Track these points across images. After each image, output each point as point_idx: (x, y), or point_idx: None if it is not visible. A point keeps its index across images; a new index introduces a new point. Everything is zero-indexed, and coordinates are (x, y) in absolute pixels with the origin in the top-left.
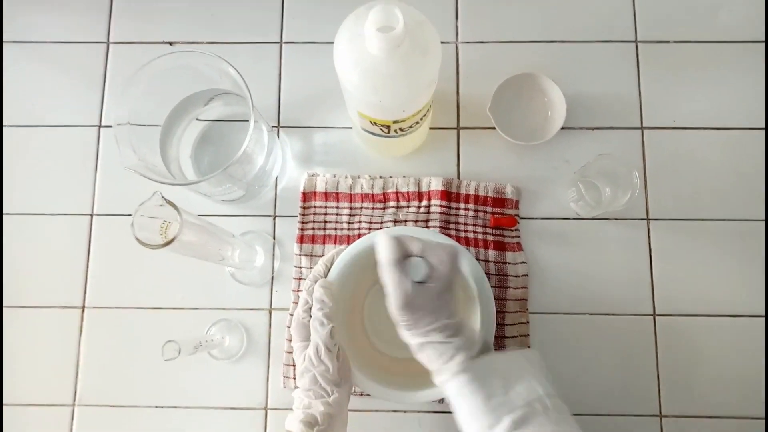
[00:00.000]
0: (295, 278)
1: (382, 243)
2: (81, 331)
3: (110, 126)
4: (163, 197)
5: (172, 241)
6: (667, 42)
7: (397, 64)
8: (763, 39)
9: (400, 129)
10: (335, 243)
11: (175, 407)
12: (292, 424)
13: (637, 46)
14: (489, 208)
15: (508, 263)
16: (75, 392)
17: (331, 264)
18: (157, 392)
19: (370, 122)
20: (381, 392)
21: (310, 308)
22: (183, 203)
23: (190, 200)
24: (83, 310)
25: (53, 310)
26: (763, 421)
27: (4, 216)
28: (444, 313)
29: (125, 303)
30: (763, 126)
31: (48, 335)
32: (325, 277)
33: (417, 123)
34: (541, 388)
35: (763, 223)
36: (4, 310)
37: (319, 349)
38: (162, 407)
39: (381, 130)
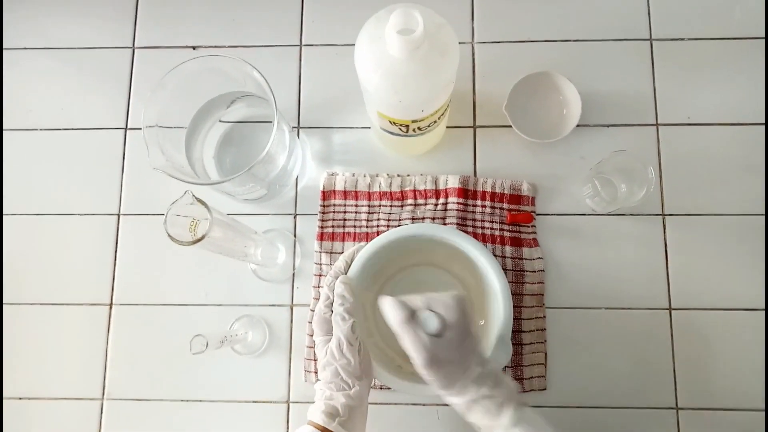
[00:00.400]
0: (315, 275)
1: (387, 305)
2: (109, 327)
3: (136, 128)
4: (193, 196)
5: (202, 238)
6: (682, 39)
7: (417, 66)
8: None
9: (419, 128)
10: (354, 240)
11: (200, 401)
12: (314, 415)
13: (651, 44)
14: (505, 205)
15: (525, 259)
16: (104, 386)
17: (352, 260)
18: (182, 386)
19: (390, 122)
20: (400, 385)
21: (331, 303)
22: (208, 202)
23: (214, 199)
24: (111, 307)
25: (82, 307)
26: None
27: (36, 216)
28: (473, 361)
29: (151, 300)
30: None
31: (77, 331)
32: (346, 273)
33: (435, 122)
34: None
35: None
36: (36, 307)
37: (341, 343)
38: (187, 401)
39: (400, 129)
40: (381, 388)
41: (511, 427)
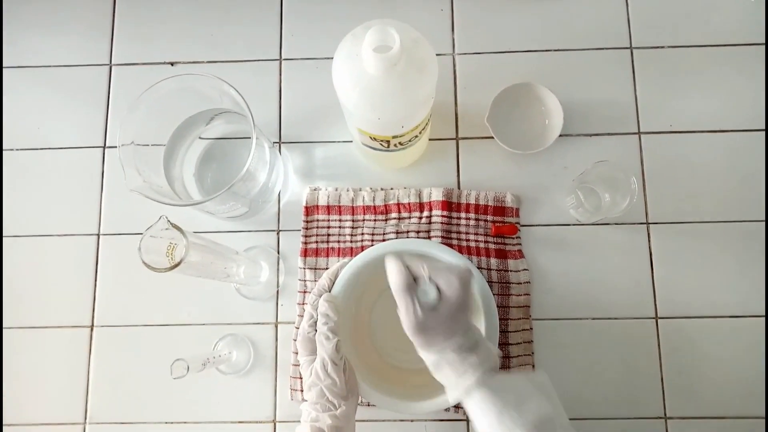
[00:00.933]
0: (300, 291)
1: (391, 268)
2: (90, 349)
3: (115, 147)
4: (168, 221)
5: (179, 264)
6: (662, 47)
7: (395, 82)
8: (759, 41)
9: (400, 143)
10: (339, 255)
11: (185, 422)
12: None
13: (632, 52)
14: (490, 217)
15: (510, 271)
16: (86, 410)
17: (336, 277)
18: (166, 408)
19: (370, 138)
20: (387, 403)
21: (315, 322)
22: (188, 221)
23: (195, 218)
24: (92, 329)
25: (63, 329)
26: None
27: (12, 238)
28: (458, 332)
29: (133, 321)
30: (761, 127)
31: (58, 355)
32: (330, 291)
33: (416, 136)
34: (552, 409)
35: (763, 223)
36: (15, 331)
37: (325, 363)
38: (172, 423)
39: (381, 144)
40: (368, 405)
41: (472, 389)
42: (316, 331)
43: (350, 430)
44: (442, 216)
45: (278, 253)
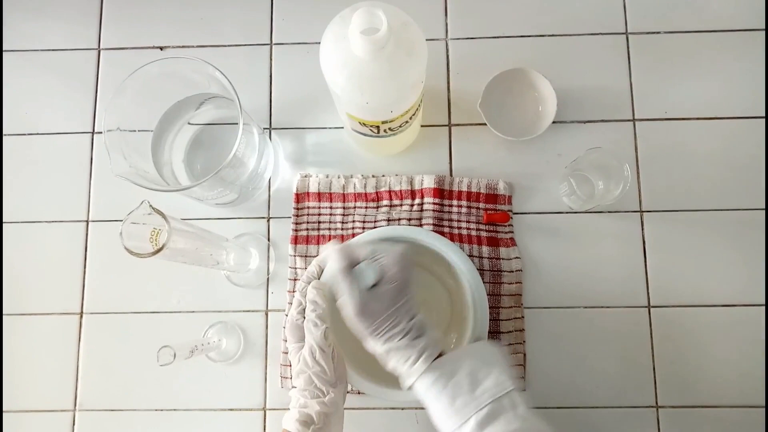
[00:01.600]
0: (290, 279)
1: (329, 255)
2: (80, 337)
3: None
4: (150, 206)
5: (161, 249)
6: (658, 33)
7: (383, 66)
8: (757, 27)
9: (390, 129)
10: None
11: (175, 410)
12: (288, 423)
13: (627, 38)
14: (482, 205)
15: (502, 259)
16: (75, 397)
17: (325, 265)
18: (156, 395)
19: (360, 123)
20: (377, 391)
21: (304, 309)
22: (177, 208)
23: (185, 204)
24: (81, 316)
25: (52, 316)
26: (760, 409)
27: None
28: (403, 316)
29: (123, 308)
30: (758, 114)
31: (48, 342)
32: (319, 278)
33: (406, 122)
34: (510, 382)
35: (756, 212)
36: (4, 318)
37: (313, 350)
38: (161, 410)
39: (370, 130)
40: (358, 393)
41: (423, 375)
42: (304, 318)
43: (339, 417)
44: (434, 203)
45: (268, 240)
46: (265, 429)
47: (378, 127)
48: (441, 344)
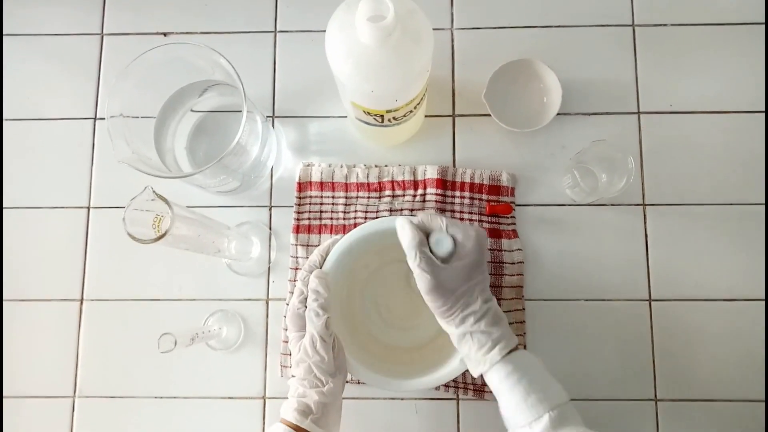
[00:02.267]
0: (291, 268)
1: (401, 226)
2: (80, 323)
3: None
4: (154, 191)
5: (164, 235)
6: (665, 25)
7: (389, 54)
8: (762, 21)
9: (394, 118)
10: (331, 232)
11: (174, 397)
12: (286, 413)
13: (634, 30)
14: (485, 196)
15: (504, 250)
16: (75, 384)
17: (327, 254)
18: (156, 383)
19: (364, 112)
20: (377, 381)
21: (305, 298)
22: (179, 195)
23: (187, 192)
24: (82, 303)
25: (53, 303)
26: (759, 403)
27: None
28: (477, 296)
29: (124, 295)
30: (762, 109)
31: (48, 328)
32: (321, 267)
33: (411, 112)
34: (566, 394)
35: (759, 206)
36: (5, 303)
37: (314, 339)
38: (161, 398)
39: (375, 119)
40: (358, 383)
41: (498, 365)
42: (306, 307)
43: (337, 407)
44: (437, 194)
45: (270, 229)
46: (264, 417)
47: (382, 116)
48: (514, 337)
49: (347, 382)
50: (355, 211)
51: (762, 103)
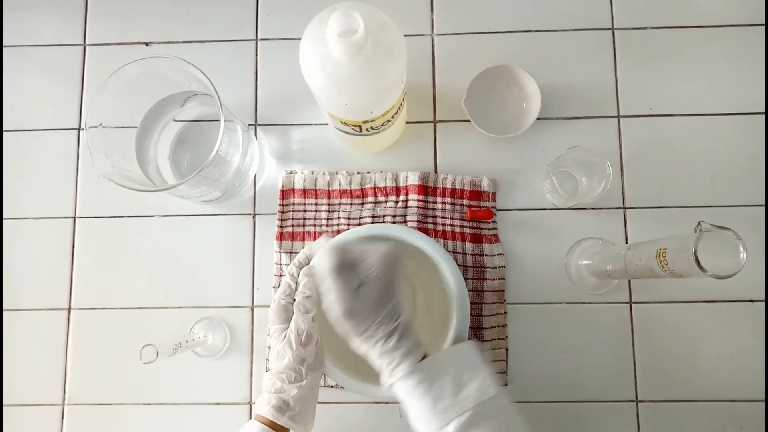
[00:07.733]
0: (275, 275)
1: (321, 253)
2: (68, 332)
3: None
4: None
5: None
6: (644, 28)
7: (361, 67)
8: (744, 23)
9: (372, 128)
10: (314, 239)
11: (162, 404)
12: (262, 408)
13: (613, 33)
14: (466, 201)
15: (485, 255)
16: (64, 392)
17: (312, 255)
18: (144, 390)
19: (341, 122)
20: (358, 386)
21: (292, 293)
22: (163, 205)
23: (171, 201)
24: (69, 312)
25: (41, 312)
26: (739, 403)
27: None
28: (388, 317)
29: (110, 303)
30: (744, 111)
31: (36, 337)
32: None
33: (389, 121)
34: (494, 387)
35: (740, 208)
36: None
37: (300, 332)
38: (149, 404)
39: (353, 129)
40: (337, 387)
41: (406, 377)
42: (292, 301)
43: (314, 400)
44: (418, 200)
45: (254, 237)
46: None
47: (360, 126)
48: (424, 347)
49: (331, 386)
50: (338, 217)
51: (742, 106)
